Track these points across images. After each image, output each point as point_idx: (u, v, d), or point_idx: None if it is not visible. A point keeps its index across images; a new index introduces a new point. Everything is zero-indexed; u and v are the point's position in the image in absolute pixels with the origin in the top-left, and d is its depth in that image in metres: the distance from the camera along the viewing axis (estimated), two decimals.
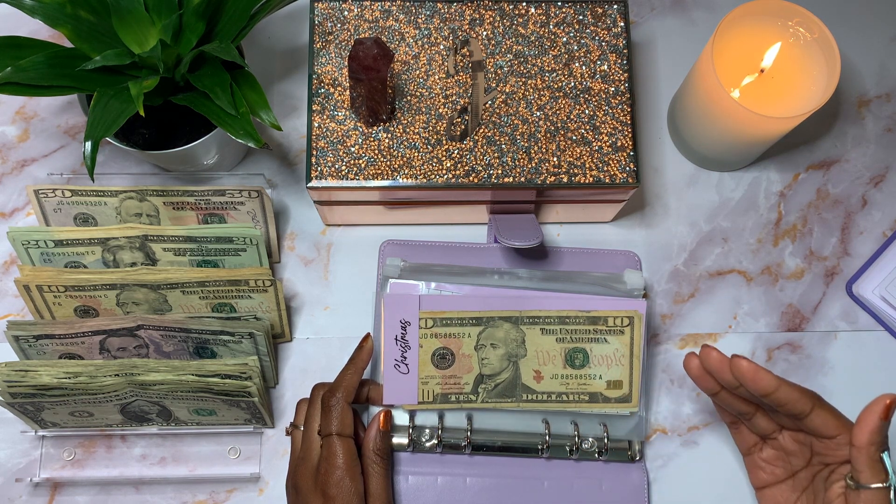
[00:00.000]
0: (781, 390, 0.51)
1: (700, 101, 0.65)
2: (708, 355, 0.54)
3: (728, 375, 0.53)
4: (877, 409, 0.49)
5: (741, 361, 0.52)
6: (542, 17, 0.65)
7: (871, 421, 0.49)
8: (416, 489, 0.63)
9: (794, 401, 0.51)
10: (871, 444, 0.49)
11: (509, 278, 0.64)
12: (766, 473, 0.58)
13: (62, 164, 0.71)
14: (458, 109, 0.63)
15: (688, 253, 0.70)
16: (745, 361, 0.52)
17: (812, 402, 0.52)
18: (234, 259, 0.64)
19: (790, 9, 0.63)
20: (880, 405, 0.49)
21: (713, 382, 0.55)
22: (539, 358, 0.62)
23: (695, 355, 0.55)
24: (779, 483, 0.57)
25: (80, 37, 0.58)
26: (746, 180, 0.72)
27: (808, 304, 0.69)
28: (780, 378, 0.51)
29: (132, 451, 0.64)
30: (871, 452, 0.49)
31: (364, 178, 0.61)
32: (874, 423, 0.49)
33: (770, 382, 0.51)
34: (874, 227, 0.71)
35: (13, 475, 0.64)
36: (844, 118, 0.74)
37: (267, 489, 0.64)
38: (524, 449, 0.63)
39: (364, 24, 0.64)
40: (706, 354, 0.54)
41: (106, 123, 0.54)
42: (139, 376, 0.58)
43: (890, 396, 0.49)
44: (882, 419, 0.49)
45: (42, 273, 0.60)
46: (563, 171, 0.62)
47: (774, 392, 0.51)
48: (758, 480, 0.58)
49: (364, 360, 0.60)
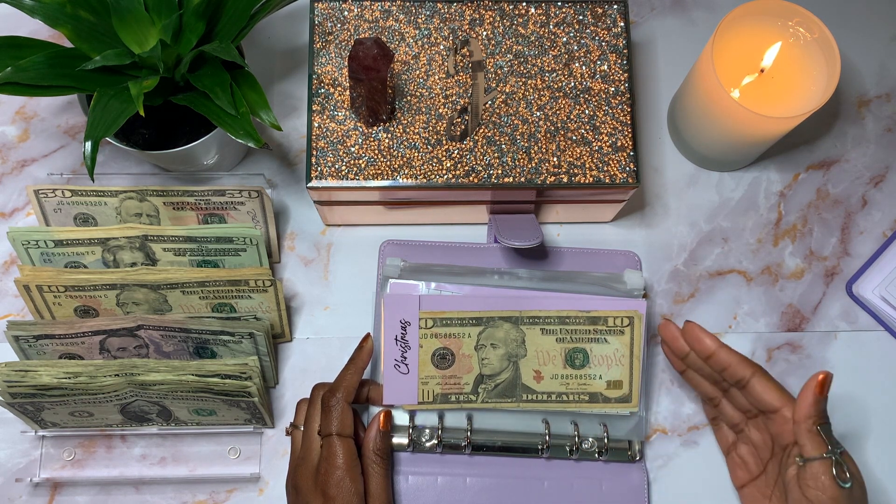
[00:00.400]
0: (721, 352, 0.57)
1: (700, 101, 0.65)
2: (666, 328, 0.60)
3: (678, 344, 0.59)
4: (812, 385, 0.53)
5: (691, 324, 0.58)
6: (542, 17, 0.65)
7: (808, 396, 0.53)
8: (416, 489, 0.63)
9: (734, 364, 0.56)
10: (808, 418, 0.53)
11: (509, 278, 0.64)
12: (742, 471, 0.61)
13: (62, 164, 0.71)
14: (458, 109, 0.63)
15: (688, 253, 0.70)
16: (693, 325, 0.58)
17: (752, 369, 0.56)
18: (234, 259, 0.64)
19: (790, 9, 0.63)
20: (815, 381, 0.53)
21: (676, 360, 0.61)
22: (539, 358, 0.62)
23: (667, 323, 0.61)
24: (755, 479, 0.59)
25: (80, 37, 0.58)
26: (746, 180, 0.72)
27: (808, 304, 0.69)
28: (723, 343, 0.57)
29: (132, 451, 0.64)
30: (809, 426, 0.53)
31: (364, 178, 0.61)
32: (811, 398, 0.53)
33: (710, 343, 0.57)
34: (874, 227, 0.71)
35: (13, 475, 0.64)
36: (844, 118, 0.74)
37: (267, 489, 0.64)
38: (524, 449, 0.63)
39: (364, 24, 0.64)
40: (664, 327, 0.60)
41: (106, 123, 0.54)
42: (139, 376, 0.58)
43: (823, 373, 0.53)
44: (817, 394, 0.53)
45: (42, 273, 0.60)
46: (563, 171, 0.62)
47: (715, 353, 0.57)
48: (737, 479, 0.61)
49: (364, 360, 0.60)
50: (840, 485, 0.51)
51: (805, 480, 0.53)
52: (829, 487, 0.51)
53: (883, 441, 0.67)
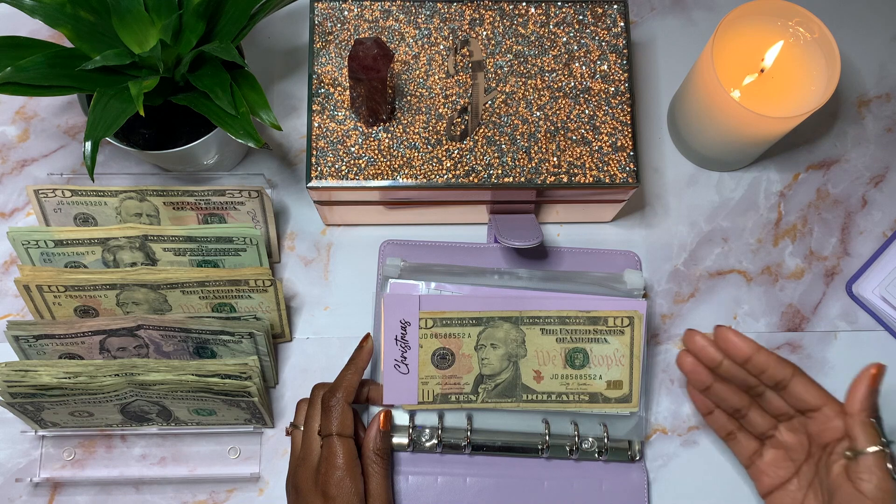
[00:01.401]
0: (761, 354, 0.54)
1: (700, 101, 0.65)
2: (692, 339, 0.57)
3: (710, 352, 0.56)
4: (865, 377, 0.52)
5: (723, 328, 0.55)
6: (542, 17, 0.65)
7: (861, 388, 0.52)
8: (416, 489, 0.63)
9: (774, 365, 0.54)
10: (862, 411, 0.52)
11: (509, 278, 0.64)
12: (770, 478, 0.58)
13: (62, 164, 0.71)
14: (458, 109, 0.63)
15: (688, 253, 0.70)
16: (727, 328, 0.55)
17: (792, 368, 0.55)
18: (234, 259, 0.64)
19: (790, 9, 0.63)
20: (868, 374, 0.52)
21: (705, 373, 0.57)
22: (539, 358, 0.62)
23: (685, 353, 0.58)
24: (785, 484, 0.57)
25: (80, 37, 0.58)
26: (746, 180, 0.72)
27: (808, 304, 0.69)
28: (760, 345, 0.55)
29: (132, 451, 0.64)
30: (863, 418, 0.52)
31: (364, 178, 0.61)
32: (864, 391, 0.52)
33: (748, 345, 0.54)
34: (874, 227, 0.71)
35: (13, 475, 0.64)
36: (844, 118, 0.74)
37: (267, 489, 0.64)
38: (524, 449, 0.63)
39: (364, 24, 0.64)
40: (690, 337, 0.57)
41: (106, 123, 0.54)
42: (139, 376, 0.58)
43: (876, 366, 0.52)
44: (871, 385, 0.52)
45: (42, 273, 0.60)
46: (563, 171, 0.62)
47: (754, 355, 0.54)
48: (764, 487, 0.58)
49: (364, 360, 0.60)
50: (893, 477, 0.51)
51: (858, 474, 0.51)
52: (885, 480, 0.51)
53: None
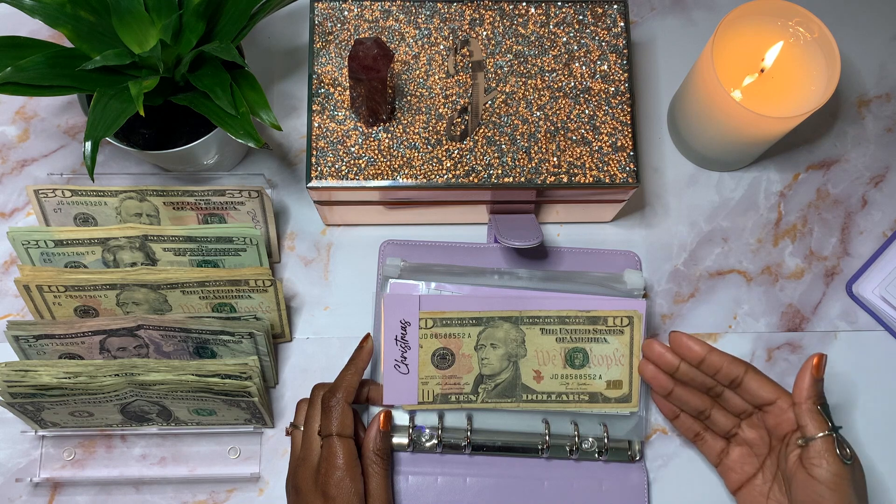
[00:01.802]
0: (713, 354, 0.57)
1: (700, 101, 0.65)
2: (650, 347, 0.60)
3: (667, 357, 0.59)
4: (808, 367, 0.55)
5: (675, 333, 0.58)
6: (542, 17, 0.65)
7: (806, 377, 0.55)
8: (416, 489, 0.63)
9: (727, 365, 0.57)
10: (808, 398, 0.55)
11: (509, 278, 0.64)
12: (737, 473, 0.61)
13: (62, 164, 0.71)
14: (458, 109, 0.63)
15: (688, 253, 0.70)
16: (679, 333, 0.58)
17: (744, 366, 0.58)
18: (234, 259, 0.64)
19: (790, 9, 0.63)
20: (810, 364, 0.55)
21: (664, 377, 0.60)
22: (539, 358, 0.62)
23: (644, 361, 0.61)
24: (751, 478, 0.60)
25: (80, 37, 0.58)
26: (746, 180, 0.72)
27: (808, 304, 0.69)
28: (711, 346, 0.58)
29: (132, 451, 0.64)
30: (809, 406, 0.55)
31: (364, 178, 0.61)
32: (808, 380, 0.55)
33: (701, 347, 0.58)
34: (874, 227, 0.71)
35: (13, 475, 0.64)
36: (844, 118, 0.74)
37: (267, 489, 0.64)
38: (524, 449, 0.63)
39: (364, 24, 0.64)
40: (648, 346, 0.60)
41: (106, 123, 0.54)
42: (139, 376, 0.58)
43: (817, 355, 0.55)
44: (814, 375, 0.55)
45: (42, 273, 0.60)
46: (563, 171, 0.62)
47: (707, 356, 0.57)
48: (732, 483, 0.61)
49: (364, 361, 0.60)
50: (843, 461, 0.53)
51: (809, 459, 0.54)
52: (834, 463, 0.53)
53: (883, 441, 0.67)
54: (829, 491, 0.53)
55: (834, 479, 0.53)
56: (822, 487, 0.53)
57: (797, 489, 0.55)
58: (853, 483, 0.53)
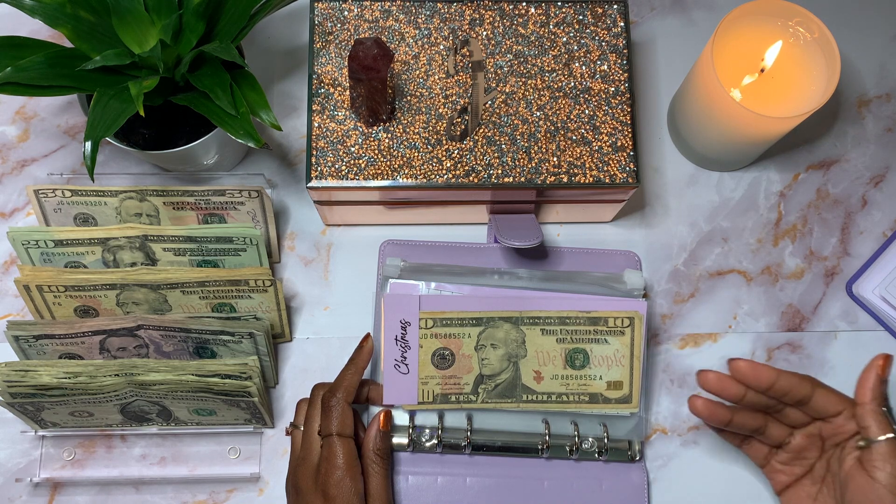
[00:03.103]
0: (782, 378, 0.54)
1: (700, 101, 0.65)
2: (706, 379, 0.56)
3: (732, 389, 0.55)
4: (873, 367, 0.54)
5: (738, 362, 0.55)
6: (542, 17, 0.65)
7: (870, 379, 0.54)
8: (416, 489, 0.63)
9: (796, 385, 0.54)
10: (873, 400, 0.53)
11: (509, 278, 0.64)
12: (785, 475, 0.59)
13: (62, 164, 0.71)
14: (458, 109, 0.63)
15: (688, 253, 0.70)
16: (741, 361, 0.55)
17: (812, 383, 0.55)
18: (234, 259, 0.64)
19: (790, 9, 0.63)
20: (875, 365, 0.54)
21: (723, 410, 0.56)
22: (539, 358, 0.62)
23: (696, 397, 0.57)
24: (799, 480, 0.58)
25: (80, 37, 0.58)
26: (746, 180, 0.72)
27: (808, 304, 0.69)
28: (777, 369, 0.55)
29: (132, 451, 0.64)
30: (874, 407, 0.53)
31: (364, 178, 0.61)
32: (873, 381, 0.54)
33: (770, 373, 0.54)
34: (874, 227, 0.71)
35: (13, 475, 0.64)
36: (844, 118, 0.74)
37: (267, 489, 0.64)
38: (524, 449, 0.63)
39: (364, 24, 0.64)
40: (705, 379, 0.56)
41: (106, 123, 0.54)
42: (139, 376, 0.58)
43: (883, 356, 0.54)
44: (879, 376, 0.54)
45: (42, 273, 0.60)
46: (563, 171, 0.62)
47: (776, 382, 0.54)
48: (779, 484, 0.60)
49: (364, 360, 0.60)
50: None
51: (872, 462, 0.52)
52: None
53: None
54: (891, 494, 0.51)
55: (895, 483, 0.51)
56: (884, 490, 0.51)
57: (854, 492, 0.53)
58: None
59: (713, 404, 0.57)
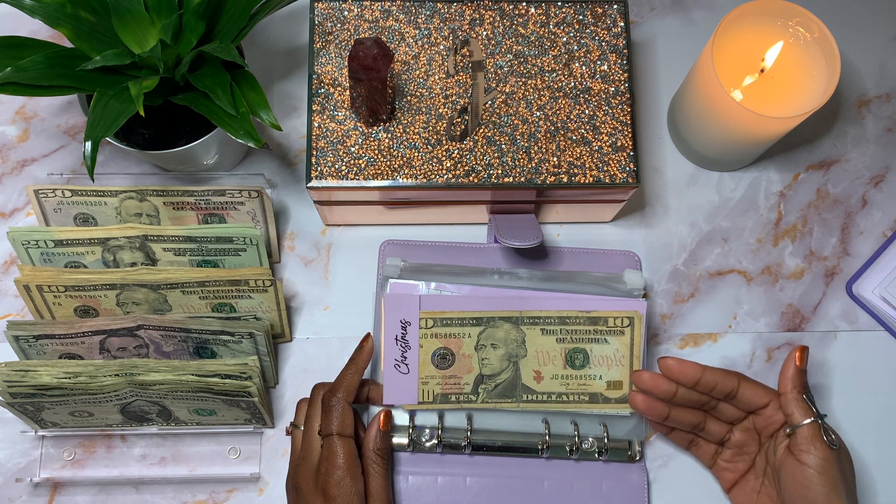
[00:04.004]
0: (707, 374, 0.58)
1: (700, 101, 0.65)
2: (640, 378, 0.59)
3: (663, 386, 0.58)
4: (791, 359, 0.58)
5: (666, 360, 0.58)
6: (542, 17, 0.65)
7: (790, 369, 0.57)
8: (416, 489, 0.63)
9: (721, 380, 0.58)
10: (793, 388, 0.57)
11: (509, 278, 0.64)
12: (731, 472, 0.62)
13: (62, 164, 0.71)
14: (458, 109, 0.63)
15: (688, 253, 0.70)
16: (669, 359, 0.58)
17: (737, 378, 0.58)
18: (234, 259, 0.64)
19: (790, 9, 0.63)
20: (793, 356, 0.58)
21: (659, 405, 0.59)
22: (539, 358, 0.62)
23: (635, 393, 0.60)
24: (743, 476, 0.61)
25: (80, 37, 0.58)
26: (746, 180, 0.72)
27: (808, 304, 0.69)
28: (703, 365, 0.58)
29: (132, 451, 0.64)
30: (795, 395, 0.57)
31: (364, 178, 0.61)
32: (792, 371, 0.57)
33: (695, 369, 0.58)
34: (874, 227, 0.71)
35: (13, 475, 0.64)
36: (844, 118, 0.74)
37: (267, 489, 0.64)
38: (524, 449, 0.63)
39: (364, 24, 0.64)
40: (638, 378, 0.59)
41: (106, 123, 0.54)
42: (139, 376, 0.58)
43: (799, 348, 0.58)
44: (797, 365, 0.57)
45: (42, 273, 0.60)
46: (563, 171, 0.62)
47: (702, 377, 0.57)
48: (726, 482, 0.62)
49: (364, 360, 0.60)
50: (830, 446, 0.55)
51: (798, 446, 0.56)
52: (821, 448, 0.55)
53: (883, 441, 0.67)
54: (818, 475, 0.54)
55: (822, 464, 0.54)
56: (811, 472, 0.54)
57: (786, 477, 0.56)
58: (840, 467, 0.55)
59: (651, 399, 0.60)
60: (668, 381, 0.58)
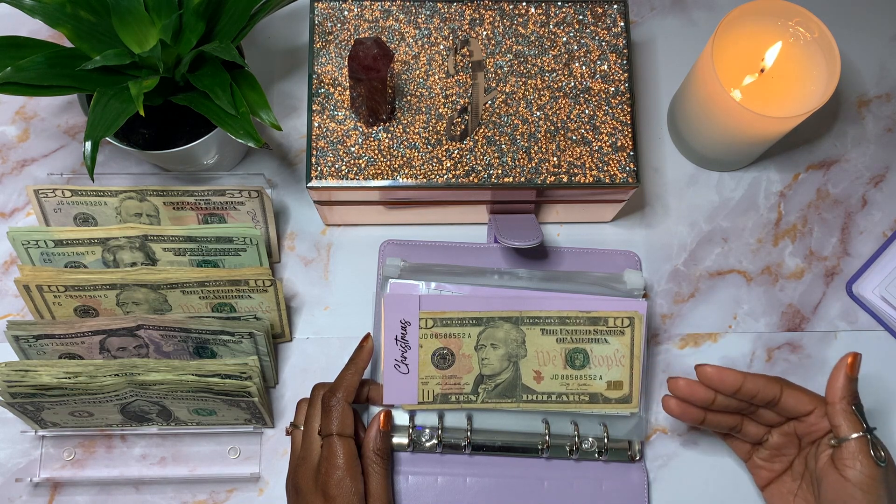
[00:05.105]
0: (748, 382, 0.55)
1: (700, 101, 0.65)
2: (676, 385, 0.57)
3: (701, 394, 0.56)
4: (842, 366, 0.54)
5: (704, 368, 0.56)
6: (542, 17, 0.65)
7: (840, 378, 0.54)
8: (416, 489, 0.63)
9: (763, 388, 0.55)
10: (843, 399, 0.53)
11: (509, 278, 0.64)
12: (766, 471, 0.60)
13: (62, 164, 0.71)
14: (458, 109, 0.63)
15: (688, 253, 0.70)
16: (708, 367, 0.56)
17: (779, 385, 0.56)
18: (234, 259, 0.64)
19: (790, 9, 0.63)
20: (844, 364, 0.54)
21: (695, 410, 0.58)
22: (539, 358, 0.62)
23: (669, 398, 0.59)
24: (779, 476, 0.60)
25: (80, 37, 0.58)
26: (746, 180, 0.72)
27: (808, 304, 0.69)
28: (744, 372, 0.56)
29: (132, 451, 0.64)
30: (844, 406, 0.53)
31: (364, 178, 0.61)
32: (842, 380, 0.54)
33: (736, 377, 0.55)
34: (874, 227, 0.71)
35: (13, 475, 0.64)
36: (844, 118, 0.74)
37: (267, 489, 0.64)
38: (524, 449, 0.63)
39: (364, 24, 0.64)
40: (675, 385, 0.57)
41: (106, 123, 0.54)
42: (139, 376, 0.58)
43: (851, 355, 0.54)
44: (849, 374, 0.54)
45: (42, 273, 0.60)
46: (563, 171, 0.62)
47: (742, 385, 0.55)
48: (761, 479, 0.61)
49: (364, 360, 0.60)
50: (877, 463, 0.52)
51: (843, 460, 0.53)
52: (868, 465, 0.52)
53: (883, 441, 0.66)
54: (861, 493, 0.52)
55: (866, 481, 0.52)
56: (854, 489, 0.52)
57: (828, 489, 0.54)
58: (886, 485, 0.52)
59: (686, 405, 0.58)
60: (706, 389, 0.56)
